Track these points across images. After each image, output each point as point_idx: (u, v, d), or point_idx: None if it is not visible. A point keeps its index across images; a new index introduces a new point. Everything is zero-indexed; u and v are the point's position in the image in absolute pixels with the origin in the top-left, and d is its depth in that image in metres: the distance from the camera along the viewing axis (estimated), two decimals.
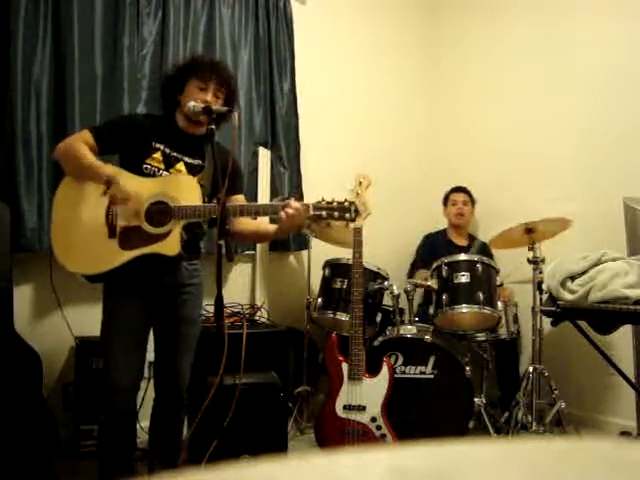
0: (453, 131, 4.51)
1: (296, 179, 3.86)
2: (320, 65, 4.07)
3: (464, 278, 3.22)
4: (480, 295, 3.16)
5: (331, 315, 3.38)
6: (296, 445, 3.22)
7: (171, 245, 2.14)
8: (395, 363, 3.06)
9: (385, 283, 3.35)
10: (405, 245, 4.18)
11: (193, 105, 2.18)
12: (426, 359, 3.08)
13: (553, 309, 2.65)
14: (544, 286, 2.95)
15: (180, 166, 2.27)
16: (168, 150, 2.25)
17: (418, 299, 3.76)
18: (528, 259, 3.17)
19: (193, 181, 2.22)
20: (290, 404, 3.35)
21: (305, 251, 3.77)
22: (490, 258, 3.46)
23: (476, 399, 3.13)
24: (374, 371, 2.86)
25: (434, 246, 3.87)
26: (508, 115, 4.11)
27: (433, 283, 3.29)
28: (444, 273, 3.26)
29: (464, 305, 3.18)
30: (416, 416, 3.02)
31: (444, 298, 3.21)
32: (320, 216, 2.14)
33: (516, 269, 3.72)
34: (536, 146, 3.92)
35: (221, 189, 2.03)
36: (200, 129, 2.30)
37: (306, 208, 2.14)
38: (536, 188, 3.87)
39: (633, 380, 3.06)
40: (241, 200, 2.38)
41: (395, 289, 3.29)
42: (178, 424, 2.42)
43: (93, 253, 2.16)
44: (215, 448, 2.12)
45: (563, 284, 2.60)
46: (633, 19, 3.45)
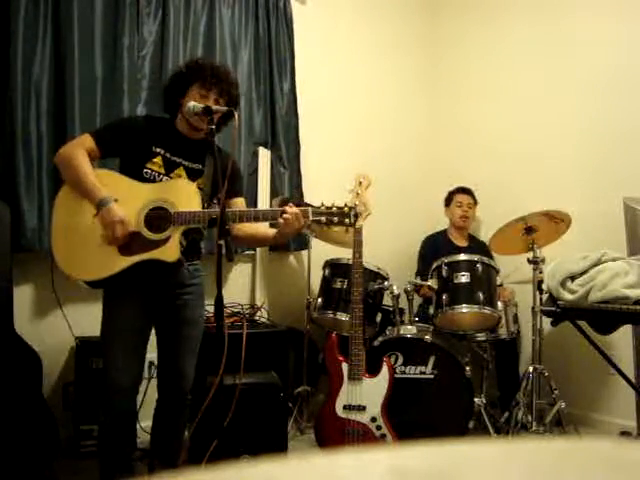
0: (453, 131, 4.51)
1: (296, 179, 3.86)
2: (320, 65, 4.07)
3: (464, 278, 3.23)
4: (480, 295, 3.16)
5: (331, 315, 3.38)
6: (296, 445, 3.22)
7: (170, 251, 2.14)
8: (395, 363, 3.06)
9: (385, 283, 3.35)
10: (405, 245, 4.18)
11: (193, 105, 2.18)
12: (426, 359, 3.08)
13: (553, 309, 2.65)
14: (544, 286, 2.95)
15: (180, 171, 2.26)
16: (168, 155, 2.25)
17: (418, 299, 3.76)
18: (528, 259, 3.17)
19: (193, 186, 2.21)
20: (290, 404, 3.35)
21: (305, 251, 3.77)
22: (490, 258, 3.46)
23: (476, 399, 3.13)
24: (374, 371, 2.86)
25: (436, 247, 3.87)
26: (508, 115, 4.11)
27: (433, 283, 3.29)
28: (444, 273, 3.26)
29: (464, 305, 3.18)
30: (416, 416, 3.02)
31: (444, 298, 3.21)
32: (319, 221, 2.15)
33: (516, 269, 3.73)
34: (536, 146, 3.92)
35: (221, 190, 2.03)
36: (200, 133, 2.29)
37: (305, 213, 2.14)
38: (536, 188, 3.87)
39: (633, 380, 3.06)
40: (241, 203, 2.38)
41: (395, 289, 3.29)
42: (180, 425, 2.42)
43: (93, 259, 2.16)
44: (215, 448, 2.12)
45: (563, 284, 2.60)
46: (633, 19, 3.45)
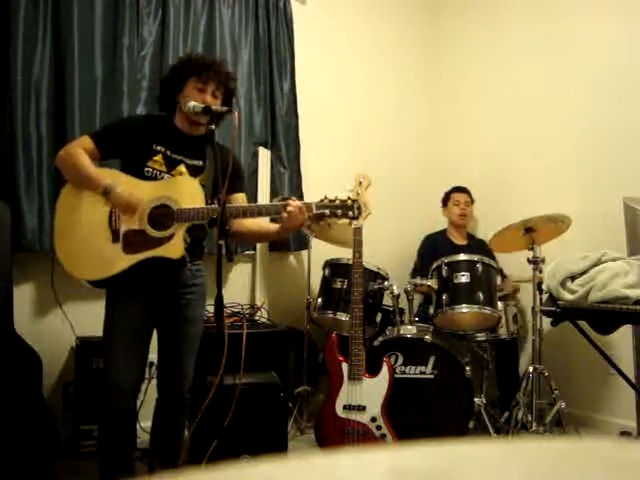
0: (453, 131, 4.51)
1: (296, 179, 3.86)
2: (320, 65, 4.07)
3: (464, 278, 3.22)
4: (480, 295, 3.16)
5: (331, 315, 3.38)
6: (296, 445, 3.22)
7: (175, 248, 2.14)
8: (395, 363, 3.06)
9: (385, 283, 3.35)
10: (405, 245, 4.18)
11: (193, 105, 2.18)
12: (426, 359, 3.08)
13: (553, 309, 2.65)
14: (544, 286, 2.95)
15: (181, 168, 2.26)
16: (169, 152, 2.25)
17: (418, 299, 3.76)
18: (528, 259, 3.17)
19: (195, 183, 2.21)
20: (290, 404, 3.35)
21: (305, 251, 3.77)
22: (491, 257, 3.46)
23: (476, 399, 3.13)
24: (374, 371, 2.86)
25: (436, 247, 3.87)
26: (508, 115, 4.11)
27: (433, 283, 3.29)
28: (444, 273, 3.26)
29: (464, 305, 3.18)
30: (416, 416, 3.02)
31: (444, 298, 3.21)
32: (323, 214, 2.14)
33: (516, 269, 3.73)
34: (536, 146, 3.92)
35: (221, 189, 2.03)
36: (199, 130, 2.29)
37: (308, 207, 2.15)
38: (536, 188, 3.87)
39: (633, 380, 3.06)
40: (242, 199, 2.37)
41: (395, 289, 3.29)
42: (180, 425, 2.42)
43: (97, 258, 2.16)
44: (215, 448, 2.12)
45: (563, 284, 2.60)
46: (633, 19, 3.45)
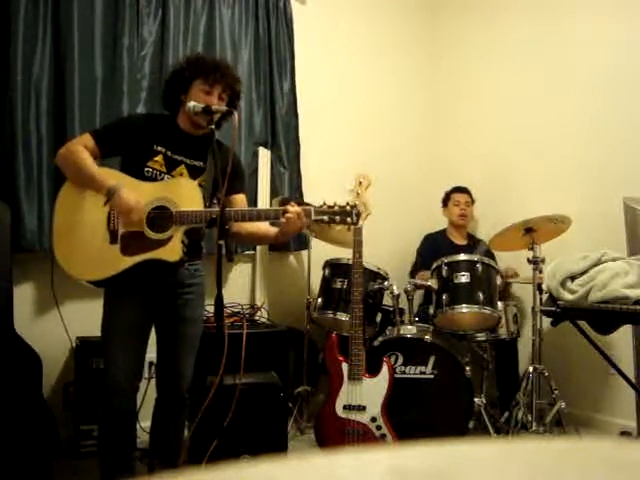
0: (453, 131, 4.51)
1: (296, 179, 3.86)
2: (320, 65, 4.07)
3: (464, 278, 3.22)
4: (480, 295, 3.16)
5: (331, 315, 3.38)
6: (296, 445, 3.22)
7: (172, 251, 2.14)
8: (395, 363, 3.06)
9: (385, 283, 3.35)
10: (405, 245, 4.18)
11: (193, 105, 2.18)
12: (426, 359, 3.08)
13: (553, 309, 2.65)
14: (544, 286, 2.95)
15: (182, 169, 2.26)
16: (170, 153, 2.24)
17: (418, 299, 3.76)
18: (528, 259, 3.17)
19: (194, 185, 2.21)
20: (290, 404, 3.35)
21: (305, 251, 3.77)
22: (491, 256, 3.46)
23: (476, 399, 3.13)
24: (374, 371, 2.86)
25: (435, 246, 3.87)
26: (508, 115, 4.11)
27: (433, 283, 3.29)
28: (444, 273, 3.26)
29: (464, 305, 3.18)
30: (416, 416, 3.02)
31: (444, 298, 3.21)
32: (322, 220, 2.15)
33: (516, 269, 3.73)
34: (536, 146, 3.92)
35: (221, 189, 2.03)
36: (202, 130, 2.29)
37: (307, 212, 2.14)
38: (536, 188, 3.87)
39: (633, 380, 3.06)
40: (241, 199, 2.37)
41: (395, 289, 3.28)
42: (179, 425, 2.42)
43: (95, 259, 2.16)
44: (215, 448, 2.12)
45: (563, 284, 2.60)
46: (633, 19, 3.45)
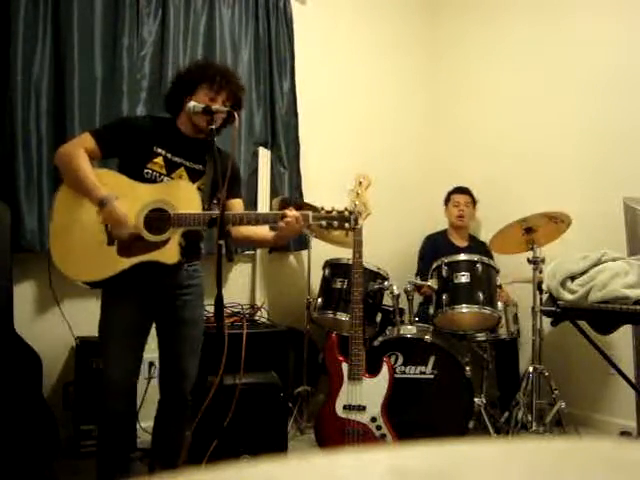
0: (453, 131, 4.51)
1: (296, 179, 3.86)
2: (320, 65, 4.07)
3: (464, 278, 3.22)
4: (480, 295, 3.16)
5: (331, 315, 3.38)
6: (296, 445, 3.22)
7: (170, 253, 2.13)
8: (395, 363, 3.06)
9: (385, 283, 3.35)
10: (405, 245, 4.18)
11: (193, 105, 2.18)
12: (426, 359, 3.08)
13: (553, 309, 2.65)
14: (544, 286, 2.95)
15: (181, 171, 2.25)
16: (170, 155, 2.24)
17: (418, 299, 3.76)
18: (528, 259, 3.17)
19: (193, 188, 2.21)
20: (290, 404, 3.35)
21: (305, 251, 3.77)
22: (490, 258, 3.46)
23: (476, 399, 3.13)
24: (374, 371, 2.86)
25: (436, 247, 3.86)
26: (508, 115, 4.11)
27: (433, 283, 3.29)
28: (444, 273, 3.26)
29: (464, 305, 3.18)
30: (416, 416, 3.02)
31: (444, 298, 3.21)
32: (320, 225, 2.16)
33: (516, 269, 3.73)
34: (536, 146, 3.92)
35: (221, 189, 2.03)
36: (202, 134, 2.28)
37: (305, 217, 2.15)
38: (536, 188, 3.87)
39: (633, 380, 3.06)
40: (238, 205, 2.37)
41: (395, 289, 3.28)
42: (181, 426, 2.41)
43: (92, 260, 2.15)
44: (215, 448, 2.12)
45: (563, 284, 2.60)
46: (633, 19, 3.45)
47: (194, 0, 3.47)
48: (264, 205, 3.76)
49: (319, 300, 3.45)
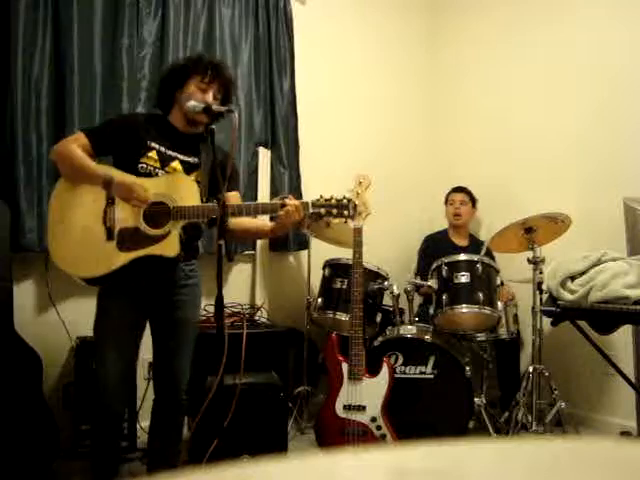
0: (453, 131, 4.51)
1: (296, 179, 3.86)
2: (320, 65, 4.07)
3: (464, 278, 3.22)
4: (480, 295, 3.15)
5: (331, 315, 3.38)
6: (296, 445, 3.21)
7: (171, 246, 2.13)
8: (395, 363, 3.06)
9: (385, 283, 3.35)
10: (405, 245, 4.18)
11: (194, 105, 2.18)
12: (426, 359, 3.08)
13: (553, 309, 2.65)
14: (544, 286, 2.95)
15: (176, 164, 2.26)
16: (163, 149, 2.24)
17: (418, 299, 3.76)
18: (528, 259, 3.17)
19: (191, 181, 2.21)
20: (290, 404, 3.35)
21: (305, 251, 3.77)
22: (491, 258, 3.46)
23: (476, 399, 3.13)
24: (374, 371, 2.86)
25: (436, 247, 3.86)
26: (508, 115, 4.11)
27: (433, 283, 3.29)
28: (444, 273, 3.26)
29: (464, 305, 3.18)
30: (416, 416, 3.02)
31: (444, 298, 3.21)
32: (319, 214, 2.17)
33: (516, 269, 3.72)
34: (536, 146, 3.92)
35: (219, 187, 2.04)
36: (196, 128, 2.29)
37: (305, 205, 2.17)
38: (536, 188, 3.87)
39: (633, 380, 3.06)
40: (235, 197, 2.36)
41: (395, 289, 3.28)
42: (177, 425, 2.41)
43: (92, 256, 2.15)
44: (215, 448, 2.12)
45: (563, 284, 2.60)
46: (633, 19, 3.45)
47: (194, 0, 3.47)
48: None
49: (319, 300, 3.45)
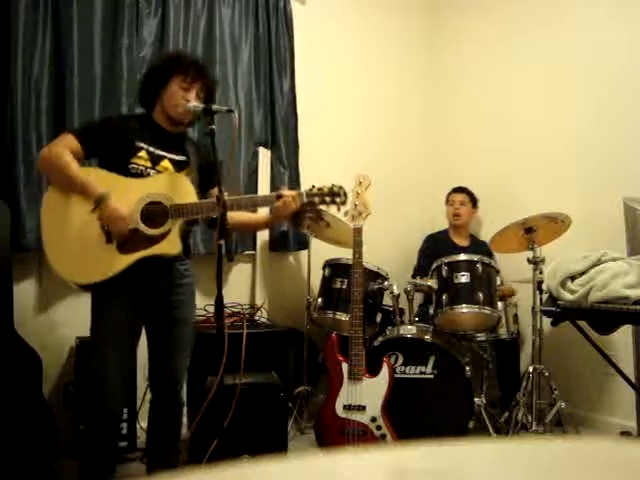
0: (453, 131, 4.51)
1: (296, 179, 3.86)
2: (320, 65, 4.07)
3: (464, 278, 3.22)
4: (480, 295, 3.15)
5: (331, 315, 3.38)
6: (296, 445, 3.21)
7: (173, 244, 2.14)
8: (395, 363, 3.06)
9: (385, 283, 3.35)
10: (405, 245, 4.18)
11: (193, 105, 2.19)
12: (426, 359, 3.08)
13: (553, 309, 2.65)
14: (544, 286, 2.95)
15: (166, 163, 2.26)
16: (152, 148, 2.24)
17: (418, 299, 3.76)
18: (528, 259, 3.17)
19: (185, 179, 2.21)
20: (290, 404, 3.35)
21: (305, 251, 3.77)
22: (491, 258, 3.46)
23: (476, 399, 3.13)
24: (374, 371, 2.86)
25: (437, 247, 3.86)
26: (508, 115, 4.11)
27: (433, 283, 3.29)
28: (444, 273, 3.26)
29: (464, 305, 3.18)
30: (416, 416, 3.02)
31: (444, 298, 3.20)
32: (313, 203, 2.26)
33: (516, 269, 3.73)
34: (536, 146, 3.92)
35: (213, 186, 2.07)
36: (179, 128, 2.31)
37: (300, 195, 2.25)
38: (536, 188, 3.86)
39: (633, 380, 3.06)
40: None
41: (395, 289, 3.28)
42: (175, 425, 2.40)
43: (92, 261, 2.13)
44: (215, 448, 2.12)
45: (563, 284, 2.60)
46: (633, 19, 3.45)
47: (194, 0, 3.47)
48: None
49: (319, 300, 3.45)
